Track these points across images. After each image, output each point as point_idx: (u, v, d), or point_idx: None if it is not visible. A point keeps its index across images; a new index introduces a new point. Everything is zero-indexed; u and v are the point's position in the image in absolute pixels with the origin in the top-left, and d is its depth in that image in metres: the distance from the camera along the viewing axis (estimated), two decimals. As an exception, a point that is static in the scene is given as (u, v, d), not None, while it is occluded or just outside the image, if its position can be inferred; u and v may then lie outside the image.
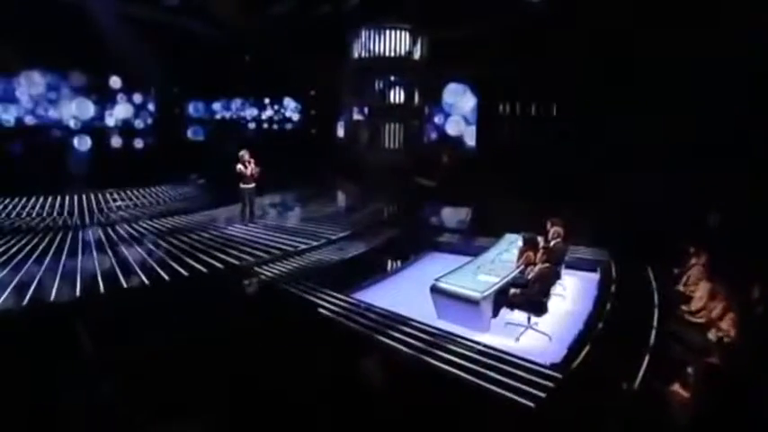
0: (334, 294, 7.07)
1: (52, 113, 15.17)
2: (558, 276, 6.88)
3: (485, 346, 5.48)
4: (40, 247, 8.98)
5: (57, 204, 12.67)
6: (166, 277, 7.52)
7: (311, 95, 23.63)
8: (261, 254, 8.82)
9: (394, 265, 9.22)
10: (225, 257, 8.51)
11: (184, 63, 18.70)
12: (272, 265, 8.37)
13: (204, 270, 7.91)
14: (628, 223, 9.83)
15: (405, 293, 7.80)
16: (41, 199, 12.87)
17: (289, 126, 24.35)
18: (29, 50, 13.36)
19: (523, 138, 17.54)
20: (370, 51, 18.33)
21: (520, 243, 7.79)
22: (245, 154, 10.57)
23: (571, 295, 7.63)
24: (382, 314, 6.37)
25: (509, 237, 8.62)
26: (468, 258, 8.66)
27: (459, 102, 19.59)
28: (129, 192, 14.27)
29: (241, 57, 21.85)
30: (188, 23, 18.36)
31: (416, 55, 18.56)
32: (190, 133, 21.78)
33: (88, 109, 15.94)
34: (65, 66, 15.10)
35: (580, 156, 14.43)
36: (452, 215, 13.20)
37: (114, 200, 13.50)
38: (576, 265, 8.65)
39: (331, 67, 19.47)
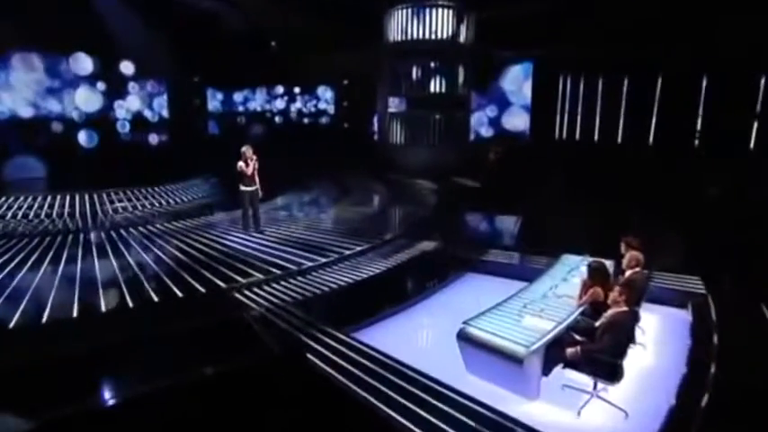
0: (334, 333, 5.75)
1: (53, 104, 14.56)
2: (636, 320, 5.28)
3: (526, 428, 4.00)
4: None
5: (45, 205, 12.11)
6: (130, 303, 6.43)
7: (344, 85, 22.76)
8: (256, 273, 7.63)
9: (420, 289, 7.79)
10: (211, 277, 7.39)
11: (204, 49, 18.17)
12: (265, 287, 7.17)
13: (179, 294, 6.76)
14: (730, 241, 8.03)
15: (429, 329, 6.44)
16: (29, 199, 12.36)
17: (318, 120, 23.58)
18: (25, 28, 12.66)
19: (587, 130, 15.71)
20: (408, 34, 17.05)
21: (583, 270, 6.22)
22: (247, 150, 9.54)
23: (653, 343, 5.99)
24: (388, 364, 4.99)
25: (568, 260, 7.03)
26: (514, 283, 7.28)
27: (521, 89, 17.90)
28: (132, 192, 13.63)
29: (266, 43, 21.06)
30: (209, 4, 17.64)
31: (462, 37, 17.16)
32: (210, 127, 21.11)
33: (95, 99, 15.32)
34: (68, 48, 14.46)
35: (663, 150, 12.55)
36: (498, 225, 11.81)
37: (111, 201, 12.83)
38: (658, 298, 6.95)
39: (365, 53, 18.58)
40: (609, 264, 6.19)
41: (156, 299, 6.60)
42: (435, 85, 17.21)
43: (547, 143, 16.52)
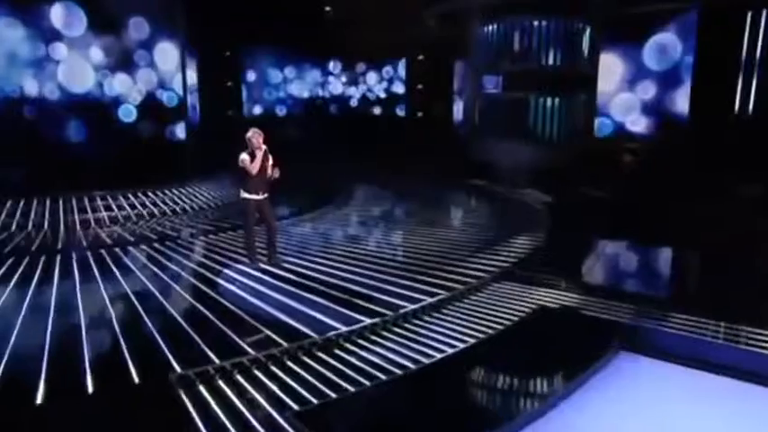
0: None
1: (25, 80, 13.08)
2: None
3: None
4: None
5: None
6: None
7: (418, 61, 22.04)
8: (245, 345, 5.34)
9: (534, 390, 5.12)
10: (165, 352, 5.17)
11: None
12: (255, 372, 4.82)
13: (89, 387, 4.54)
14: None
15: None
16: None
17: (383, 107, 23.09)
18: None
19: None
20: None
21: None
22: (254, 135, 7.55)
23: None
24: None
25: None
26: (722, 381, 4.97)
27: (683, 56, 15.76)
28: (127, 197, 12.78)
29: (320, 8, 21.24)
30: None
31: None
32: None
33: (87, 74, 13.90)
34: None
35: None
36: (653, 263, 9.41)
37: (87, 210, 11.74)
38: None
39: (447, 15, 17.67)
40: None
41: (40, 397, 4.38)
42: (548, 56, 15.60)
43: (720, 129, 13.99)
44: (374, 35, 19.87)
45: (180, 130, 16.79)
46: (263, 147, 7.53)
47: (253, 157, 7.45)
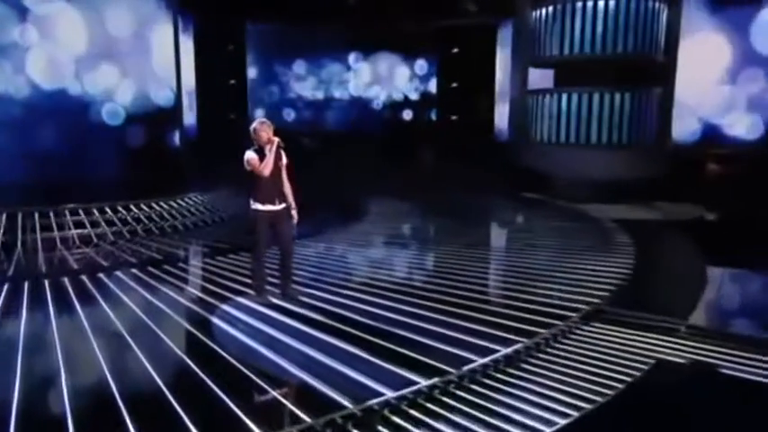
0: None
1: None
2: None
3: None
4: None
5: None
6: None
7: (452, 54, 22.31)
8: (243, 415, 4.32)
9: None
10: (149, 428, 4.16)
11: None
12: None
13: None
14: None
15: None
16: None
17: (413, 109, 23.39)
18: None
19: None
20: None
21: None
22: (261, 127, 6.64)
23: None
24: None
25: None
26: None
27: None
28: (104, 212, 12.10)
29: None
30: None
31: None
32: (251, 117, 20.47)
33: (63, 66, 12.97)
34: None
35: None
36: None
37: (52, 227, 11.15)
38: None
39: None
40: None
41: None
42: (613, 42, 14.65)
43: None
44: (401, 25, 19.87)
45: (175, 135, 16.06)
46: (275, 139, 6.58)
47: (261, 154, 6.51)
